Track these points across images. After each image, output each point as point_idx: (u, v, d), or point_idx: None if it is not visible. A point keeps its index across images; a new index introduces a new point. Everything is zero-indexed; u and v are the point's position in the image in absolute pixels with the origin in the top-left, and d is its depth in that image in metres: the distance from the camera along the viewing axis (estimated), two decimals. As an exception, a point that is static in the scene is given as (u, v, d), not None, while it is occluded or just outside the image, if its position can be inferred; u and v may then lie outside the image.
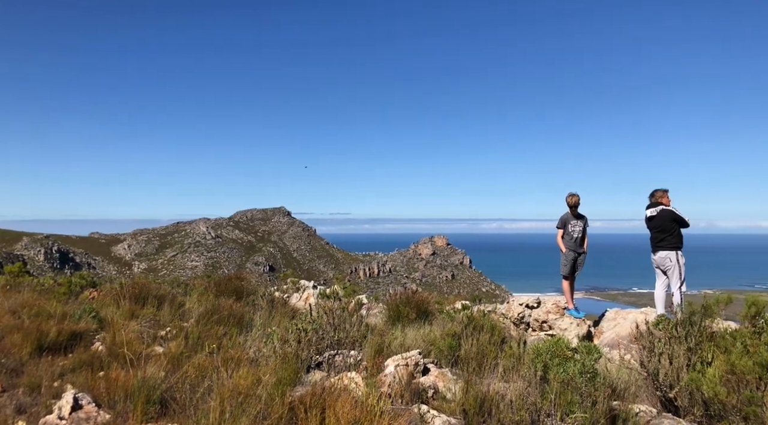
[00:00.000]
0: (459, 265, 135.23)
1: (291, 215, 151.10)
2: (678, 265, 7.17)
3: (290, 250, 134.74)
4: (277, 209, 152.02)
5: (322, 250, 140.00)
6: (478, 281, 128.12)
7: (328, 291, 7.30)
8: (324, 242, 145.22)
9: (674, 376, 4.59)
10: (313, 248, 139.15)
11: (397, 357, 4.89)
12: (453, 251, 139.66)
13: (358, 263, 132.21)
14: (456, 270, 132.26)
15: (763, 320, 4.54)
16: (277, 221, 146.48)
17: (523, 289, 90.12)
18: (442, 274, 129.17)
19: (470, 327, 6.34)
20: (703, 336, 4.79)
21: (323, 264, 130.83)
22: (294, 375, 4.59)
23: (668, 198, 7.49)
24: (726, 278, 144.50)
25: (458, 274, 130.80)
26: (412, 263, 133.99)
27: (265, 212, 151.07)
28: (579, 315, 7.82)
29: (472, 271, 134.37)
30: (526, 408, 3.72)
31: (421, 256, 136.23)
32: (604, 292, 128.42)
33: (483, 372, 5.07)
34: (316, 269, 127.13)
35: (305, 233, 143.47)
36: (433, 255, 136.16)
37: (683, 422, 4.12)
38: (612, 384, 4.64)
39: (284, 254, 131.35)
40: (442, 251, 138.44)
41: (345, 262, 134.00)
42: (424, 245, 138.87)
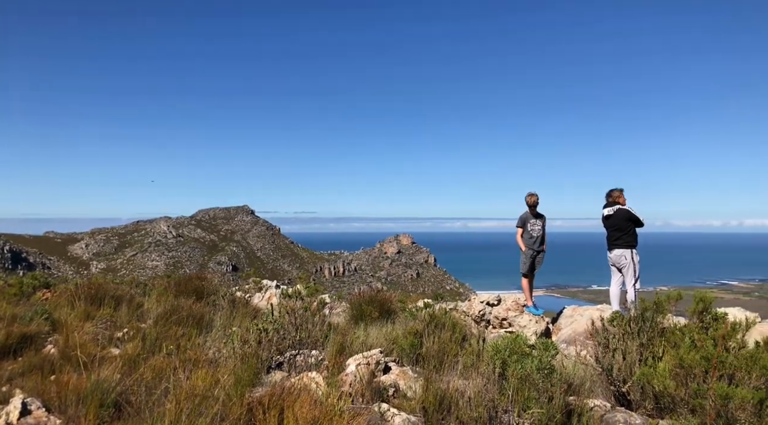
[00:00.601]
0: (424, 263, 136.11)
1: (254, 214, 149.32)
2: (633, 263, 7.40)
3: (254, 249, 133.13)
4: (241, 208, 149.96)
5: (287, 249, 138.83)
6: (443, 279, 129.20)
7: (290, 291, 7.24)
8: (288, 241, 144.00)
9: (627, 371, 4.73)
10: (278, 247, 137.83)
11: (359, 356, 4.89)
12: (418, 249, 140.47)
13: (323, 262, 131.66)
14: (421, 269, 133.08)
15: (710, 315, 4.72)
16: (240, 220, 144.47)
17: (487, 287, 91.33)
18: (407, 272, 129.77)
19: (432, 325, 6.39)
20: (654, 332, 4.95)
21: (288, 263, 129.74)
22: (254, 376, 4.54)
23: (624, 198, 7.71)
24: (680, 275, 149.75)
25: (423, 272, 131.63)
26: (378, 262, 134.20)
27: (228, 210, 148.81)
28: (538, 312, 7.99)
29: (437, 269, 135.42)
30: (484, 404, 3.78)
31: (387, 255, 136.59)
32: (564, 289, 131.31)
33: (444, 369, 5.12)
34: (281, 268, 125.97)
35: (269, 232, 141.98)
36: (399, 254, 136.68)
37: (635, 415, 4.25)
38: (568, 379, 4.74)
39: (248, 254, 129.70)
40: (408, 250, 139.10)
41: (310, 261, 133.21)
42: (389, 244, 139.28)
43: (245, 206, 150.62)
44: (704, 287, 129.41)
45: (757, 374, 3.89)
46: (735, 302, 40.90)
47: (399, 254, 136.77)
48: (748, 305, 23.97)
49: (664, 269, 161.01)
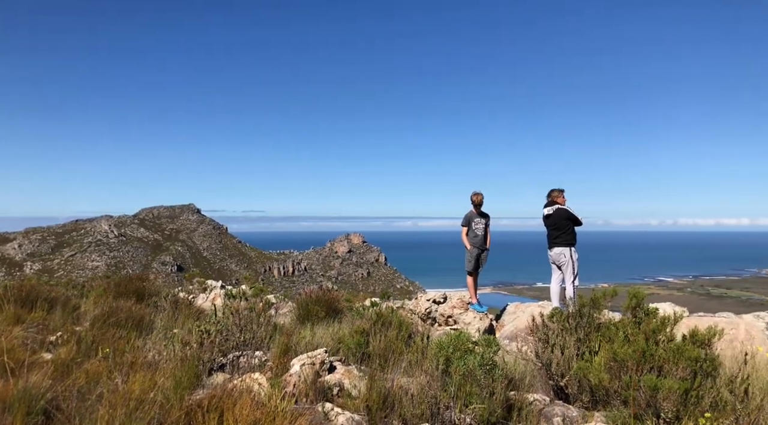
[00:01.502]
0: (375, 262, 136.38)
1: (201, 213, 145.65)
2: (572, 260, 7.66)
3: (200, 249, 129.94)
4: (186, 207, 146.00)
5: (234, 249, 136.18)
6: (393, 278, 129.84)
7: (235, 291, 7.11)
8: (236, 241, 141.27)
9: (566, 365, 4.89)
10: (225, 246, 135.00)
11: (303, 357, 4.86)
12: (369, 248, 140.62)
13: (272, 261, 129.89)
14: (372, 268, 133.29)
15: (642, 311, 4.93)
16: (185, 218, 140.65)
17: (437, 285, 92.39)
18: (358, 272, 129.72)
19: (379, 323, 6.41)
20: (591, 327, 5.13)
21: (235, 263, 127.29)
22: (194, 378, 4.44)
23: (563, 198, 7.96)
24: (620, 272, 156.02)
25: (374, 271, 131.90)
26: (328, 262, 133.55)
27: (172, 209, 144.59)
28: (482, 309, 8.15)
29: (388, 268, 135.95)
30: (426, 401, 3.82)
31: (338, 254, 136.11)
32: (510, 287, 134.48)
33: (390, 367, 5.15)
34: (228, 268, 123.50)
35: (216, 232, 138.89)
36: (350, 253, 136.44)
37: (572, 408, 4.40)
38: (509, 375, 4.86)
39: (193, 254, 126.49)
40: (358, 249, 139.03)
41: (258, 261, 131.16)
42: (340, 243, 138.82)
43: (191, 205, 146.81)
44: (642, 283, 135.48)
45: (683, 365, 4.10)
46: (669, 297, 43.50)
47: (350, 253, 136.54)
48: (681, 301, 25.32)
49: (605, 266, 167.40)
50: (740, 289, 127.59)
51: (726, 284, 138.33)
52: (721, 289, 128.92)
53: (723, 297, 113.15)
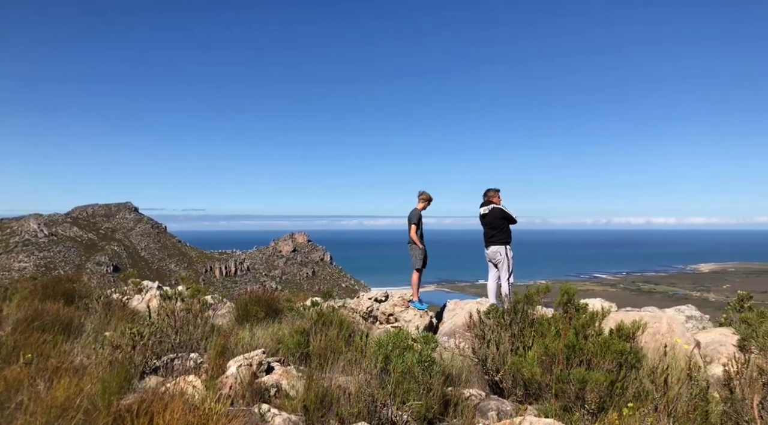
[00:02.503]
0: (320, 262, 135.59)
1: (138, 211, 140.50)
2: (507, 258, 7.88)
3: (137, 249, 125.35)
4: (123, 205, 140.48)
5: (174, 248, 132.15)
6: (339, 277, 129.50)
7: (171, 292, 6.90)
8: (176, 240, 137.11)
9: (501, 361, 5.02)
10: (164, 246, 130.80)
11: (240, 358, 4.77)
12: (314, 247, 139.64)
13: (213, 261, 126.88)
14: (317, 267, 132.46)
15: (573, 306, 5.13)
16: (122, 217, 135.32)
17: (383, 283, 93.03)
18: (302, 271, 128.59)
19: (320, 323, 6.38)
20: (525, 323, 5.29)
21: (175, 263, 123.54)
22: (125, 382, 4.27)
23: (499, 197, 8.19)
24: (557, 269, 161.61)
25: (319, 271, 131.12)
26: (272, 261, 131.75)
27: (108, 207, 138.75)
28: (423, 307, 8.25)
29: (333, 267, 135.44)
30: (363, 400, 3.83)
31: (282, 253, 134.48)
32: (453, 284, 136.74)
33: (330, 366, 5.13)
34: (167, 268, 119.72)
35: (154, 231, 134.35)
36: (294, 252, 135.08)
37: (506, 402, 4.52)
38: (447, 371, 4.95)
39: (131, 253, 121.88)
40: (303, 248, 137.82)
41: (199, 261, 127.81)
42: (284, 242, 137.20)
43: (128, 203, 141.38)
44: (578, 280, 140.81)
45: (609, 358, 4.29)
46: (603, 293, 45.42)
47: (294, 252, 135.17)
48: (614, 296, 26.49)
49: (544, 264, 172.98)
50: (667, 285, 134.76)
51: (655, 280, 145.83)
52: (651, 285, 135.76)
53: (652, 292, 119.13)
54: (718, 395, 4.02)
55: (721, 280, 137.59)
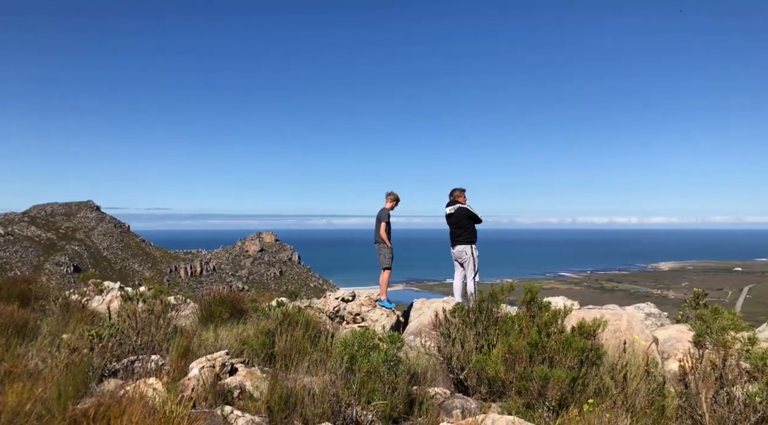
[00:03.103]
0: (288, 261, 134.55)
1: (100, 210, 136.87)
2: (472, 257, 7.96)
3: (99, 249, 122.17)
4: (84, 204, 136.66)
5: (137, 248, 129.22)
6: (307, 277, 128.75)
7: (132, 292, 6.74)
8: (139, 240, 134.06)
9: (466, 359, 5.06)
10: (127, 246, 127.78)
11: (203, 359, 4.69)
12: (281, 247, 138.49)
13: (178, 261, 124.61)
14: (284, 267, 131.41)
15: (536, 304, 5.20)
16: (83, 216, 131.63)
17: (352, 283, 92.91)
18: (270, 271, 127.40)
19: (285, 323, 6.33)
20: (490, 321, 5.34)
21: (138, 263, 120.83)
22: (82, 386, 4.15)
23: (464, 197, 8.27)
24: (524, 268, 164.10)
25: (287, 270, 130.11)
26: (239, 261, 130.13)
27: (68, 206, 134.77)
28: (390, 306, 8.27)
29: (301, 267, 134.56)
30: (328, 400, 3.81)
31: (249, 253, 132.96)
32: (422, 283, 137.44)
33: (295, 367, 5.09)
34: (131, 268, 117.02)
35: (117, 230, 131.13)
36: (261, 252, 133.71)
37: (471, 400, 4.56)
38: (412, 370, 4.97)
39: (92, 254, 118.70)
40: (271, 248, 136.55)
41: (164, 260, 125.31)
42: (251, 242, 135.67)
43: (89, 202, 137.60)
44: (543, 278, 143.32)
45: (571, 355, 4.37)
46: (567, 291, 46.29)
47: (261, 252, 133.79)
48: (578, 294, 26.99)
49: (510, 262, 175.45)
50: (629, 283, 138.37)
51: (617, 279, 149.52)
52: (613, 283, 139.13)
53: (614, 290, 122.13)
54: (674, 390, 4.14)
55: (680, 278, 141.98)
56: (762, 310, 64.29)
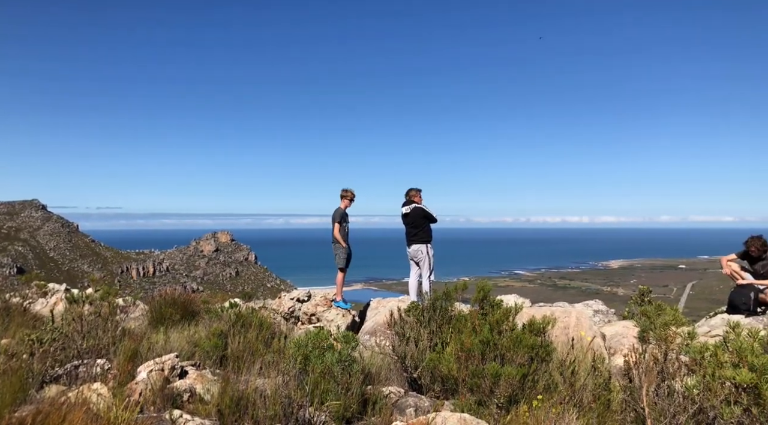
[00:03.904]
0: (244, 261, 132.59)
1: (46, 209, 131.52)
2: (428, 256, 8.05)
3: (45, 249, 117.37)
4: (29, 202, 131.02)
5: (87, 248, 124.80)
6: (264, 277, 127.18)
7: (77, 294, 6.49)
8: (89, 240, 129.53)
9: (420, 358, 5.09)
10: (75, 246, 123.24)
11: (151, 363, 4.56)
12: (237, 247, 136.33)
13: (130, 262, 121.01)
14: (240, 267, 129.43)
15: (489, 302, 5.28)
16: (27, 215, 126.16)
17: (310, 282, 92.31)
18: (225, 271, 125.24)
19: (238, 324, 6.23)
20: (443, 320, 5.40)
21: (88, 264, 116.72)
22: (20, 393, 3.97)
23: (420, 197, 8.35)
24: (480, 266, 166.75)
25: (243, 271, 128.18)
26: (193, 261, 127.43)
27: (11, 205, 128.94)
28: (346, 306, 8.25)
29: (258, 267, 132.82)
30: (280, 402, 3.77)
31: (203, 253, 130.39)
32: (380, 282, 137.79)
33: (246, 369, 5.01)
34: (79, 269, 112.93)
35: (65, 230, 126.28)
36: (217, 252, 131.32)
37: (424, 398, 4.59)
38: (367, 370, 4.97)
39: (38, 254, 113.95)
40: (226, 248, 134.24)
41: (115, 261, 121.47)
42: (206, 242, 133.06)
43: (34, 201, 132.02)
44: (499, 276, 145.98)
45: (522, 352, 4.45)
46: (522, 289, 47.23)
47: (217, 252, 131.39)
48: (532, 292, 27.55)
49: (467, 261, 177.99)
50: (581, 280, 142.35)
51: (569, 276, 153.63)
52: (566, 280, 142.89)
53: (567, 288, 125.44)
54: (619, 384, 4.27)
55: (629, 275, 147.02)
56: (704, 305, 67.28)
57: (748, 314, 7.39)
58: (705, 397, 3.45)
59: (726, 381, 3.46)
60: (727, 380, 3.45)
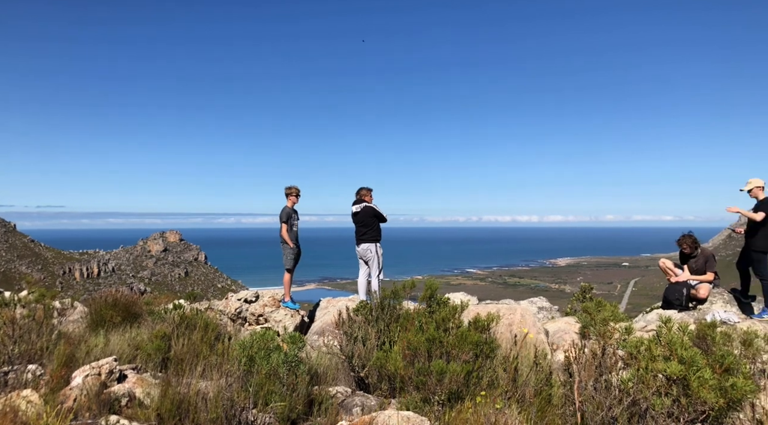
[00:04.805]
0: (194, 261, 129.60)
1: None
2: (377, 255, 8.07)
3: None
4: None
5: (25, 249, 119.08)
6: (214, 277, 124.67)
7: (8, 297, 6.17)
8: (28, 240, 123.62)
9: (367, 357, 5.09)
10: (13, 246, 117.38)
11: (87, 367, 4.39)
12: (187, 246, 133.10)
13: (73, 262, 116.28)
14: (190, 267, 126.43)
15: (436, 301, 5.33)
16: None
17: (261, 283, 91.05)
18: (174, 271, 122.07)
19: (183, 326, 6.08)
20: (391, 318, 5.41)
21: (26, 265, 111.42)
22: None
23: (371, 196, 8.36)
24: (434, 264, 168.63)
25: (192, 271, 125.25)
26: (141, 261, 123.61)
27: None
28: (295, 306, 8.17)
29: (208, 267, 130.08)
30: (222, 404, 3.69)
31: (151, 253, 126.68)
32: (335, 282, 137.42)
33: (191, 372, 4.89)
34: (17, 271, 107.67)
35: (2, 230, 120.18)
36: (165, 252, 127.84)
37: (371, 397, 4.60)
38: (314, 370, 4.94)
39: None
40: (175, 247, 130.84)
41: (56, 262, 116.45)
42: (154, 242, 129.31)
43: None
44: (451, 274, 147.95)
45: (467, 349, 4.51)
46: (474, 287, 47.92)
47: (165, 252, 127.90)
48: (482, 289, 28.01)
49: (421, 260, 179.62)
50: (530, 278, 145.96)
51: (519, 274, 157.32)
52: (516, 278, 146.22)
53: (516, 285, 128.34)
54: (560, 379, 4.39)
55: (575, 273, 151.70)
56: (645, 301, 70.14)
57: (681, 309, 7.76)
58: (638, 390, 3.58)
59: (658, 373, 3.61)
60: (659, 372, 3.60)
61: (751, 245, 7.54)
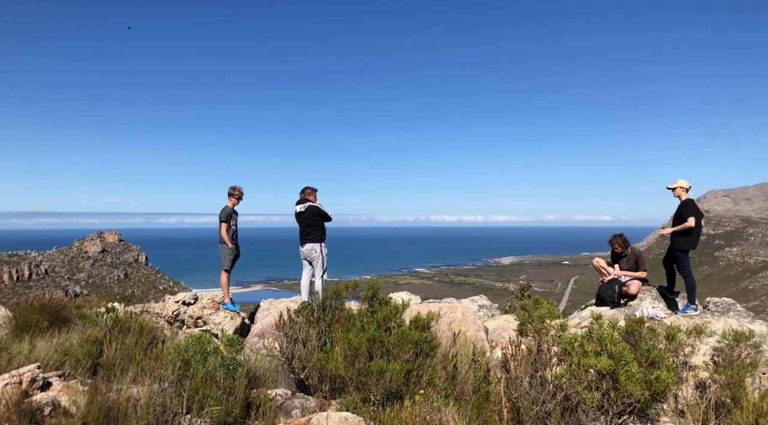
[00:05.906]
0: (134, 263, 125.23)
1: None
2: (321, 255, 8.01)
3: None
4: None
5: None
6: (155, 279, 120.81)
7: None
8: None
9: (308, 358, 5.04)
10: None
11: (7, 376, 4.14)
12: (127, 247, 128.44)
13: (1, 265, 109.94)
14: (130, 269, 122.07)
15: (378, 300, 5.34)
16: None
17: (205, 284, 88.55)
18: (113, 273, 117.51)
19: (116, 330, 5.84)
20: (333, 319, 5.38)
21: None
22: None
23: (315, 196, 8.28)
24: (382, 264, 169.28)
25: (132, 272, 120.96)
26: (77, 263, 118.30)
27: None
28: (235, 308, 8.00)
29: (149, 268, 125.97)
30: (153, 410, 3.56)
31: (88, 254, 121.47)
32: (281, 283, 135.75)
33: (123, 377, 4.70)
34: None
35: None
36: (103, 253, 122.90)
37: (311, 399, 4.55)
38: (253, 373, 4.84)
39: None
40: (114, 248, 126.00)
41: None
42: (91, 242, 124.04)
43: None
44: (399, 274, 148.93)
45: (407, 348, 4.53)
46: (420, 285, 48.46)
47: (103, 253, 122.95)
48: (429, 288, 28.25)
49: (370, 259, 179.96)
50: (475, 276, 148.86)
51: (465, 273, 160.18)
52: (462, 277, 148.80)
53: (462, 284, 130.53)
54: (498, 376, 4.48)
55: (519, 271, 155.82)
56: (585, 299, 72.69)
57: (613, 306, 8.09)
58: (571, 385, 3.70)
59: (590, 368, 3.74)
60: (591, 367, 3.73)
61: (674, 244, 7.92)
